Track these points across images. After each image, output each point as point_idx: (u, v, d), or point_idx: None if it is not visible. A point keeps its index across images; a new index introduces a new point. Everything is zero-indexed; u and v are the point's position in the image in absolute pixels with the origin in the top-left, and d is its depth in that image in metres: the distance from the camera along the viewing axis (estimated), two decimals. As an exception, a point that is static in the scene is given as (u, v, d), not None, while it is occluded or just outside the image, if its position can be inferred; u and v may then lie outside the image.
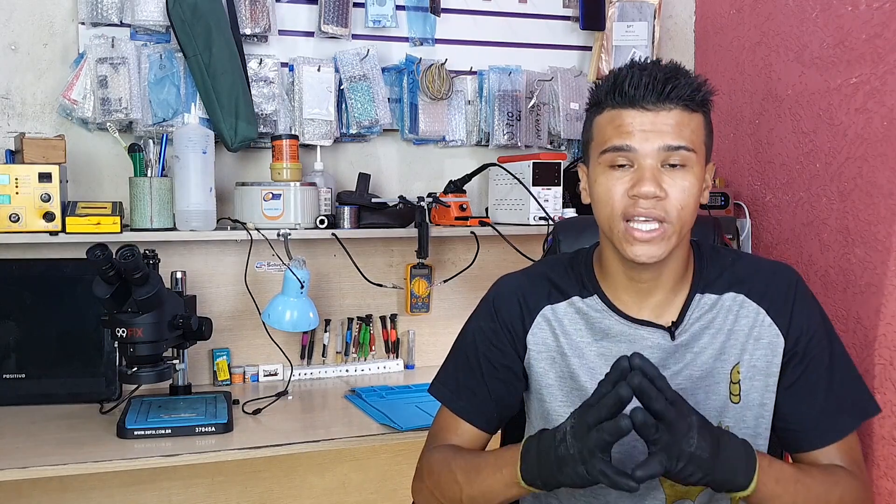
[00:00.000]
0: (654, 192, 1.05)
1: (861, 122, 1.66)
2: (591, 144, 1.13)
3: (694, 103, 1.08)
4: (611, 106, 1.09)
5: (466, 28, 2.20)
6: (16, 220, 1.70)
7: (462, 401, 1.23)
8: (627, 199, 1.07)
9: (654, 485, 1.16)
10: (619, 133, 1.07)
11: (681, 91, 1.06)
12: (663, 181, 1.06)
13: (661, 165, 1.07)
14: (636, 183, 1.06)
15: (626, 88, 1.07)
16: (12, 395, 1.81)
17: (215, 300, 2.04)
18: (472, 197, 2.20)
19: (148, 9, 1.89)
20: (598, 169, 1.11)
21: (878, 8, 1.62)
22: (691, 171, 1.08)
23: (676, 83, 1.06)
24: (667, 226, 1.07)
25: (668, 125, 1.06)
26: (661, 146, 1.06)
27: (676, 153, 1.06)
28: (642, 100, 1.06)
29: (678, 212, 1.07)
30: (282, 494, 2.12)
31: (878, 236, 1.61)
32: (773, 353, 1.15)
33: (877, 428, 1.56)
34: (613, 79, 1.09)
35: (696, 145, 1.08)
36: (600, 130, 1.11)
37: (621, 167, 1.08)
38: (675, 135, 1.06)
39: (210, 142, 1.84)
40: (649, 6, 2.30)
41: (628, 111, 1.07)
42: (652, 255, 1.08)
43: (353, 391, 1.96)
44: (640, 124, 1.06)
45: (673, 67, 1.08)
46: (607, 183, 1.09)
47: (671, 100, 1.06)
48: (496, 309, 1.23)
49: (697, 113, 1.09)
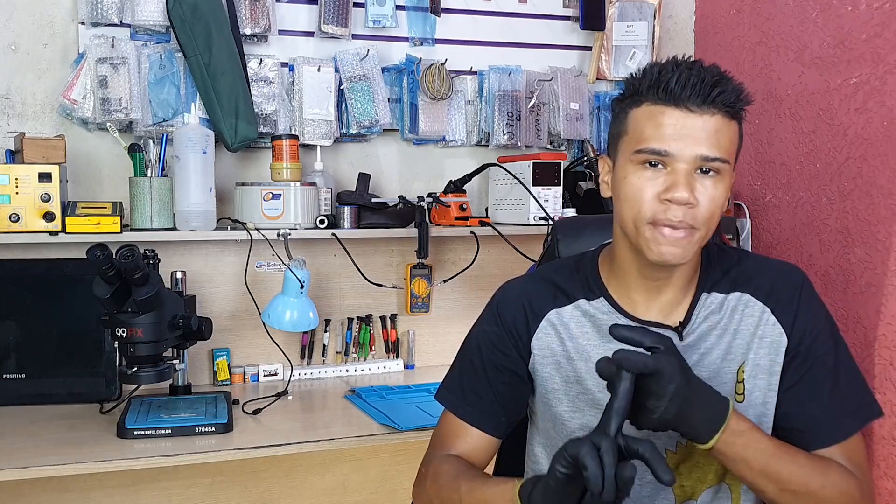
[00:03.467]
0: (687, 198, 1.03)
1: (861, 122, 1.66)
2: (624, 138, 1.10)
3: (734, 111, 1.06)
4: (652, 101, 1.06)
5: (466, 28, 2.20)
6: (16, 220, 1.70)
7: (469, 406, 1.22)
8: (658, 204, 1.05)
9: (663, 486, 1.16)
10: (657, 134, 1.05)
11: (726, 97, 1.04)
12: (695, 188, 1.04)
13: (695, 171, 1.05)
14: (670, 187, 1.04)
15: (672, 85, 1.03)
16: (12, 395, 1.81)
17: (215, 300, 2.04)
18: (472, 197, 2.20)
19: (148, 9, 1.89)
20: (629, 167, 1.08)
21: (878, 8, 1.62)
22: (722, 181, 1.06)
23: (724, 87, 1.04)
24: (695, 232, 1.06)
25: (708, 132, 1.04)
26: (698, 154, 1.04)
27: (712, 164, 1.04)
28: (687, 100, 1.03)
29: (706, 220, 1.06)
30: (282, 494, 2.12)
31: (878, 236, 1.61)
32: (776, 351, 1.15)
33: (877, 428, 1.56)
34: (658, 73, 1.06)
35: (730, 155, 1.06)
36: (637, 125, 1.07)
37: (653, 166, 1.06)
38: (713, 144, 1.04)
39: (210, 142, 1.84)
40: (649, 6, 2.30)
41: (671, 110, 1.04)
42: (677, 257, 1.06)
43: (353, 391, 1.96)
44: (681, 127, 1.04)
45: (719, 71, 1.06)
46: (638, 183, 1.06)
47: (715, 104, 1.04)
48: (500, 314, 1.22)
49: (735, 121, 1.07)
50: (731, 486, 1.17)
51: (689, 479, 1.16)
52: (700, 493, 1.17)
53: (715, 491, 1.17)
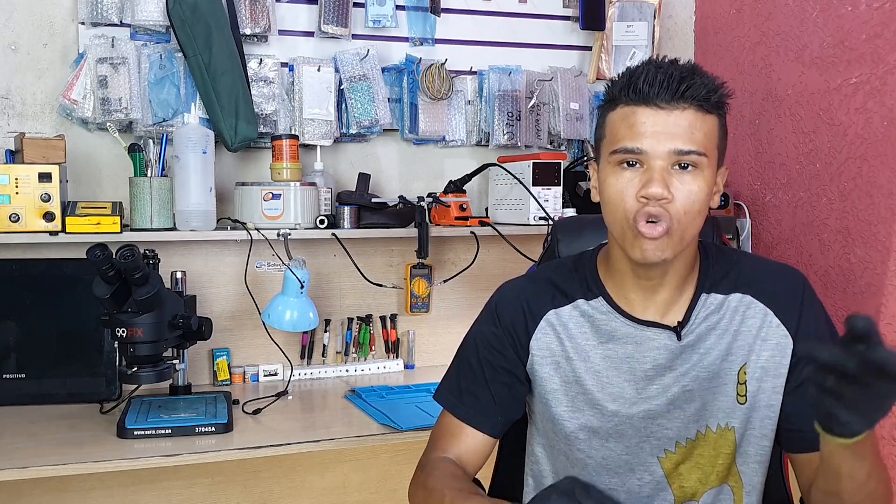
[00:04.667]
0: (661, 193, 1.04)
1: (861, 122, 1.66)
2: (603, 142, 1.12)
3: (709, 104, 1.06)
4: (624, 103, 1.08)
5: (466, 28, 2.20)
6: (16, 220, 1.70)
7: (466, 406, 1.22)
8: (637, 202, 1.06)
9: (662, 486, 1.16)
10: (630, 133, 1.06)
11: (696, 91, 1.05)
12: (671, 183, 1.05)
13: (671, 166, 1.06)
14: (646, 184, 1.05)
15: (640, 85, 1.05)
16: (12, 395, 1.81)
17: (215, 300, 2.04)
18: (472, 197, 2.20)
19: (148, 9, 1.89)
20: (608, 168, 1.09)
21: (878, 8, 1.62)
22: (701, 175, 1.06)
23: (692, 82, 1.04)
24: (673, 228, 1.06)
25: (681, 126, 1.05)
26: (671, 149, 1.05)
27: (687, 157, 1.05)
28: (656, 98, 1.04)
29: (681, 216, 1.06)
30: (282, 494, 2.12)
31: (878, 236, 1.61)
32: (782, 354, 1.15)
33: (877, 428, 1.55)
34: (629, 75, 1.07)
35: (707, 149, 1.06)
36: (612, 128, 1.09)
37: (631, 166, 1.07)
38: (687, 138, 1.05)
39: (210, 142, 1.84)
40: (649, 6, 2.30)
41: (642, 109, 1.06)
42: (657, 254, 1.07)
43: (353, 391, 1.95)
44: (652, 124, 1.05)
45: (690, 67, 1.07)
46: (617, 184, 1.08)
47: (685, 99, 1.05)
48: (499, 314, 1.22)
49: (712, 115, 1.08)
50: (733, 488, 1.17)
51: (689, 479, 1.16)
52: (702, 495, 1.16)
53: (717, 493, 1.16)
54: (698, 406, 1.13)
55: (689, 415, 1.14)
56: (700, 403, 1.13)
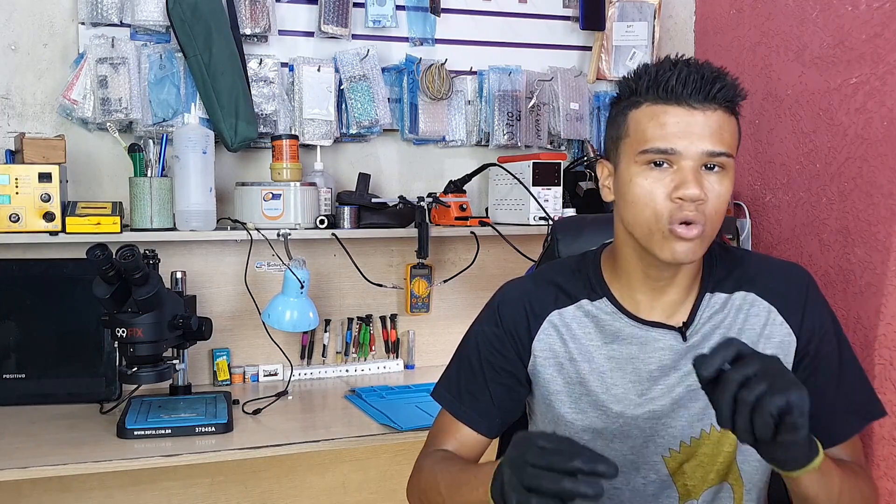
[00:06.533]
0: (699, 194, 1.03)
1: (861, 122, 1.66)
2: (625, 141, 1.09)
3: (734, 105, 1.07)
4: (652, 101, 1.06)
5: (466, 28, 2.20)
6: (16, 220, 1.70)
7: (464, 405, 1.22)
8: (671, 203, 1.04)
9: (667, 484, 1.16)
10: (662, 133, 1.04)
11: (727, 92, 1.04)
12: (703, 185, 1.04)
13: (700, 167, 1.05)
14: (679, 185, 1.03)
15: (672, 83, 1.03)
16: (12, 395, 1.81)
17: (215, 300, 2.04)
18: (472, 197, 2.20)
19: (148, 9, 1.89)
20: (634, 168, 1.07)
21: (878, 8, 1.62)
22: (727, 176, 1.06)
23: (724, 83, 1.04)
24: (705, 229, 1.05)
25: (711, 127, 1.04)
26: (703, 150, 1.03)
27: (717, 158, 1.04)
28: (689, 97, 1.03)
29: (713, 217, 1.05)
30: (282, 494, 2.12)
31: (878, 236, 1.61)
32: (785, 352, 1.15)
33: (877, 428, 1.56)
34: (656, 72, 1.06)
35: (733, 150, 1.06)
36: (639, 127, 1.07)
37: (658, 166, 1.05)
38: (718, 139, 1.04)
39: (210, 142, 1.84)
40: (649, 6, 2.30)
41: (673, 108, 1.04)
42: (689, 255, 1.06)
43: (353, 391, 1.95)
44: (685, 124, 1.04)
45: (715, 67, 1.06)
46: (647, 184, 1.06)
47: (716, 100, 1.04)
48: (501, 315, 1.21)
49: (734, 116, 1.08)
50: (733, 485, 1.17)
51: (692, 478, 1.16)
52: (701, 493, 1.17)
53: (716, 490, 1.17)
54: (703, 405, 1.13)
55: (694, 414, 1.14)
56: (704, 402, 1.13)
